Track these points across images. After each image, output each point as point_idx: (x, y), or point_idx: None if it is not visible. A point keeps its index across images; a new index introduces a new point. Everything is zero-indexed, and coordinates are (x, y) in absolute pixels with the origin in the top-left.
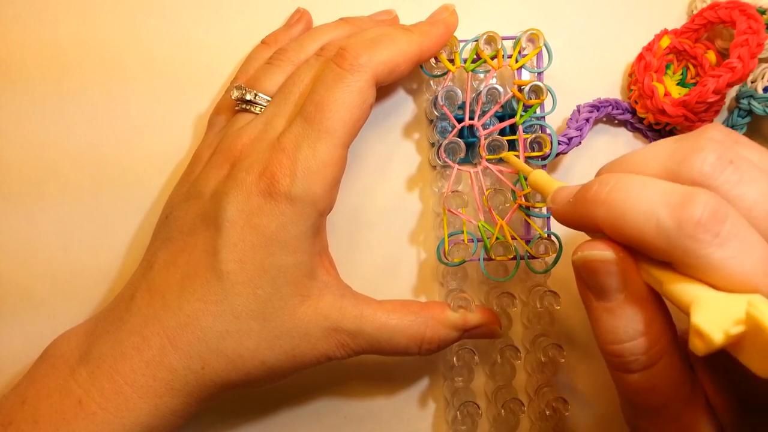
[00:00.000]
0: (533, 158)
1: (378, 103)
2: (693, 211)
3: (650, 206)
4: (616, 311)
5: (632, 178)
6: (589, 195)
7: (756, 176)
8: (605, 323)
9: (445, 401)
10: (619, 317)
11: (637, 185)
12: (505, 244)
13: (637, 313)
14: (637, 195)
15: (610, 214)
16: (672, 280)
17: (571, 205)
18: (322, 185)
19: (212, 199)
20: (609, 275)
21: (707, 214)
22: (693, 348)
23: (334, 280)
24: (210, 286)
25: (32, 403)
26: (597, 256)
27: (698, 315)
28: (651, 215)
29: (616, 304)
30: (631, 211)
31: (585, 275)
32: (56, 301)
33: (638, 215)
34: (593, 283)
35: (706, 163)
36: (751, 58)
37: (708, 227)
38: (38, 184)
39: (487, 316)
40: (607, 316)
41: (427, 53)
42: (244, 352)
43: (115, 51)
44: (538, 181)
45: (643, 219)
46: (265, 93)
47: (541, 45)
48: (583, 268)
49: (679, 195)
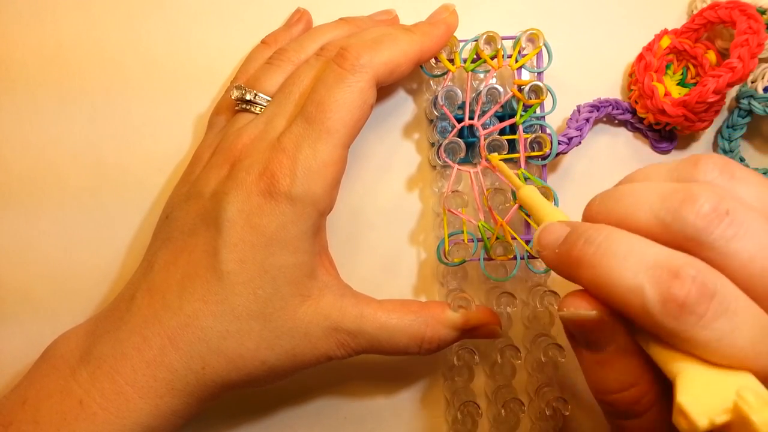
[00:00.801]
0: (533, 158)
1: (378, 103)
2: (679, 290)
3: (636, 280)
4: (606, 363)
5: (620, 240)
6: (574, 253)
7: (754, 227)
8: (596, 374)
9: (445, 401)
10: (610, 369)
11: (624, 250)
12: (505, 244)
13: (626, 366)
14: (624, 263)
15: (594, 281)
16: (659, 350)
17: (557, 257)
18: (323, 185)
19: (212, 199)
20: (596, 332)
21: (694, 292)
22: (677, 424)
23: (334, 279)
24: (210, 286)
25: (33, 403)
26: (583, 316)
27: (684, 394)
28: (637, 291)
29: (606, 357)
30: (617, 283)
31: (572, 330)
32: (56, 301)
33: (623, 288)
34: (581, 338)
35: (700, 216)
36: (751, 58)
37: (693, 308)
38: (38, 184)
39: (488, 316)
40: (598, 368)
41: (428, 53)
42: (244, 352)
43: (115, 51)
44: (527, 200)
45: (628, 293)
46: (265, 93)
47: (541, 45)
48: (569, 323)
49: (666, 270)
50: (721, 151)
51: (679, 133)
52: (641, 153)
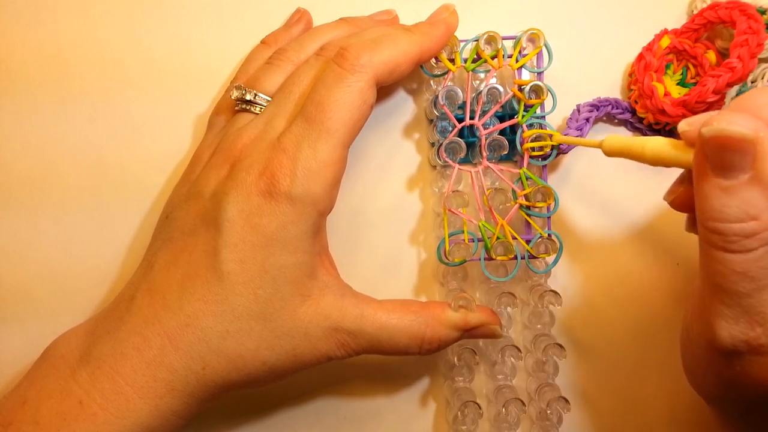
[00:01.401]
0: (534, 158)
1: (378, 103)
2: None
3: None
4: (734, 190)
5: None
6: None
7: None
8: (716, 200)
9: (445, 401)
10: (735, 197)
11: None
12: (506, 243)
13: (756, 197)
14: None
15: None
16: None
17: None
18: (323, 185)
19: (212, 199)
20: (742, 154)
21: None
22: None
23: (334, 279)
24: (210, 287)
25: (33, 403)
26: (736, 133)
27: None
28: None
29: (737, 183)
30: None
31: (711, 149)
32: (56, 301)
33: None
34: (718, 159)
35: None
36: (751, 58)
37: None
38: (38, 184)
39: (488, 316)
40: (720, 194)
41: (428, 53)
42: (244, 353)
43: (114, 51)
44: (617, 144)
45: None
46: (265, 93)
47: (542, 45)
48: (712, 141)
49: None
50: None
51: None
52: None
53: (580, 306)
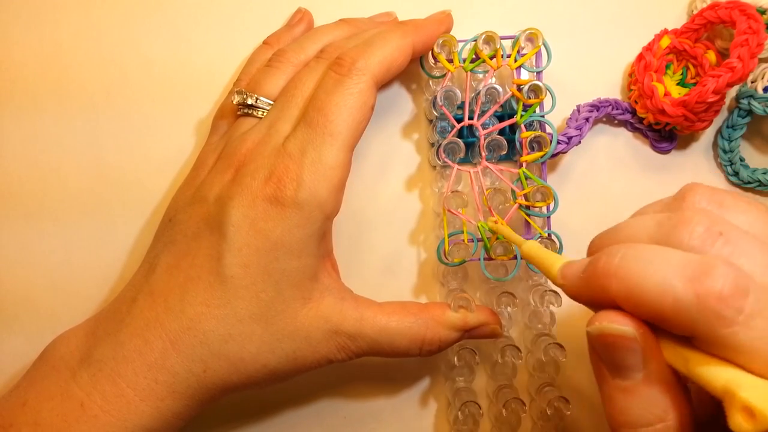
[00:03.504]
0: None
1: (378, 103)
2: (713, 284)
3: (665, 278)
4: (634, 392)
5: (641, 248)
6: (599, 268)
7: (749, 246)
8: (620, 403)
9: (446, 401)
10: (637, 399)
11: (648, 255)
12: (505, 243)
13: (656, 396)
14: (650, 267)
15: (623, 286)
16: (699, 360)
17: (583, 281)
18: (329, 189)
19: (216, 203)
20: (628, 352)
21: (728, 287)
22: (736, 428)
23: (335, 282)
24: (213, 290)
25: (33, 405)
26: (616, 330)
27: (746, 391)
28: (667, 288)
29: (634, 384)
30: (645, 284)
31: (600, 349)
32: (57, 302)
33: (653, 288)
34: (609, 359)
35: (694, 237)
36: (751, 58)
37: (730, 302)
38: (39, 186)
39: (488, 316)
40: (622, 396)
41: (421, 45)
42: (245, 356)
43: (115, 53)
44: (533, 253)
45: (658, 292)
46: (267, 96)
47: (540, 44)
48: (598, 341)
49: (694, 266)
50: (721, 150)
51: (678, 133)
52: (641, 153)
53: (580, 306)
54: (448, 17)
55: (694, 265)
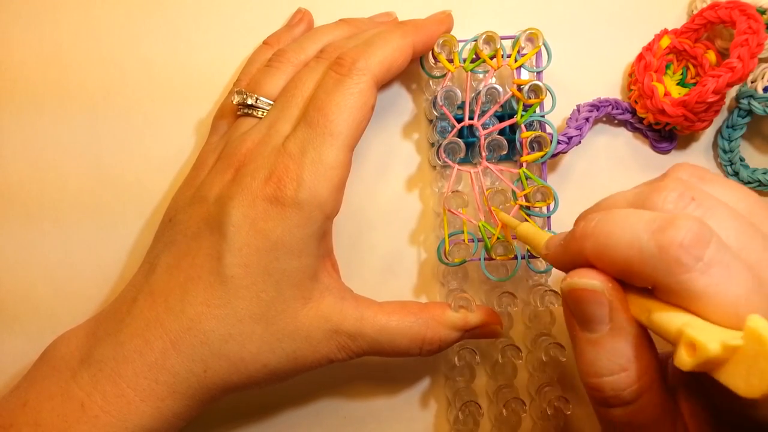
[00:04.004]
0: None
1: (378, 103)
2: (675, 234)
3: (633, 233)
4: (600, 343)
5: (616, 211)
6: (577, 232)
7: (721, 212)
8: (587, 355)
9: (446, 401)
10: (602, 350)
11: (621, 216)
12: (506, 243)
13: (620, 347)
14: (622, 225)
15: (596, 245)
16: (659, 308)
17: (562, 247)
18: (329, 188)
19: (217, 203)
20: (596, 305)
21: (689, 236)
22: (679, 362)
23: (335, 282)
24: (213, 290)
25: (34, 405)
26: (585, 285)
27: (692, 329)
28: (634, 242)
29: (601, 336)
30: (616, 240)
31: (571, 303)
32: (57, 302)
33: (622, 243)
34: (579, 313)
35: (668, 201)
36: (751, 58)
37: (690, 250)
38: (39, 186)
39: (488, 316)
40: (590, 348)
41: (422, 45)
42: (246, 356)
43: (115, 54)
44: (526, 232)
45: (626, 246)
46: (267, 96)
47: (540, 44)
48: (570, 296)
49: (660, 220)
50: (721, 150)
51: (678, 133)
52: (641, 153)
53: None
54: (448, 17)
55: (661, 219)
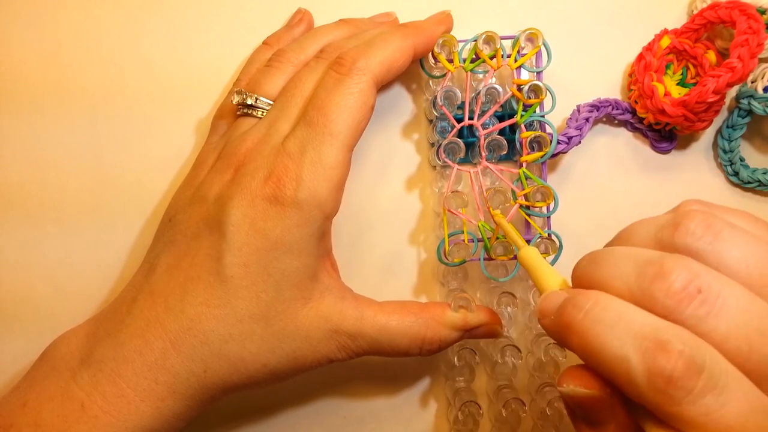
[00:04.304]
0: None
1: (378, 103)
2: (665, 363)
3: (622, 349)
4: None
5: (607, 307)
6: (563, 319)
7: (729, 304)
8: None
9: (446, 401)
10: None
11: (612, 316)
12: (506, 243)
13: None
14: (610, 331)
15: (583, 348)
16: (654, 426)
17: (552, 324)
18: (328, 188)
19: (216, 203)
20: (597, 410)
21: (681, 366)
22: None
23: (335, 282)
24: (213, 290)
25: (34, 406)
26: (580, 393)
27: None
28: (622, 360)
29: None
30: (603, 351)
31: (572, 406)
32: (57, 302)
33: (610, 357)
34: (581, 414)
35: (670, 294)
36: (751, 58)
37: (680, 383)
38: (39, 186)
39: (488, 316)
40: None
41: (422, 47)
42: (246, 356)
43: (115, 53)
44: (529, 261)
45: (614, 362)
46: (266, 96)
47: (540, 44)
48: (569, 400)
49: (653, 342)
50: (721, 150)
51: (678, 133)
52: (641, 153)
53: None
54: (448, 17)
55: (652, 339)
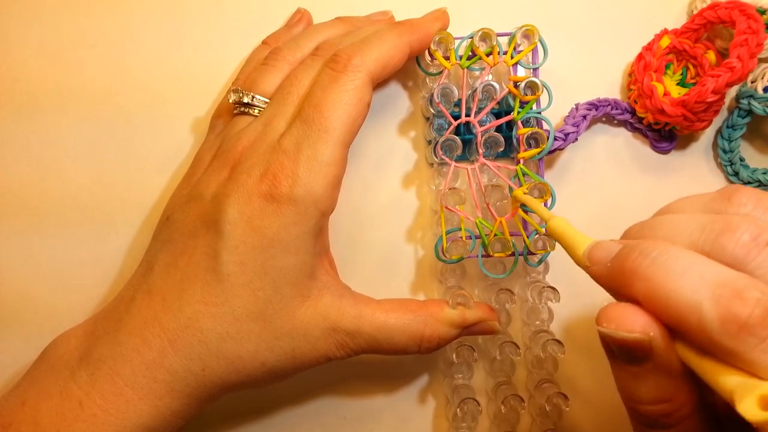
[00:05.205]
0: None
1: (374, 101)
2: (741, 309)
3: (695, 295)
4: (642, 376)
5: (677, 255)
6: (627, 264)
7: None
8: (628, 383)
9: (445, 398)
10: (644, 383)
11: (682, 264)
12: (503, 240)
13: (663, 382)
14: (681, 278)
15: (649, 294)
16: (713, 366)
17: (608, 270)
18: (324, 185)
19: (213, 201)
20: (639, 350)
21: (757, 313)
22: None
23: (333, 280)
24: (210, 288)
25: (32, 404)
26: (626, 338)
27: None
28: (695, 306)
29: (642, 371)
30: (674, 297)
31: (611, 345)
32: (57, 301)
33: (681, 303)
34: (620, 353)
35: (740, 245)
36: (751, 58)
37: (755, 330)
38: (39, 185)
39: (486, 313)
40: (629, 378)
41: (418, 44)
42: (244, 354)
43: (115, 52)
44: (562, 231)
45: (685, 308)
46: (263, 94)
47: (536, 41)
48: (609, 339)
49: (729, 289)
50: (721, 150)
51: (678, 133)
52: (640, 152)
53: (579, 302)
54: (444, 15)
55: (727, 286)
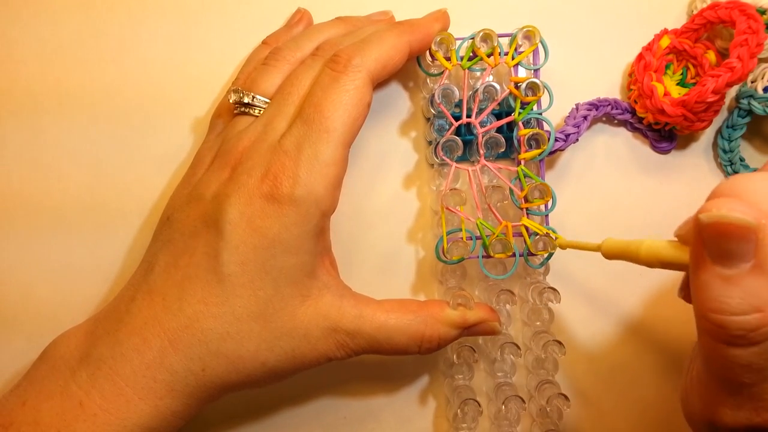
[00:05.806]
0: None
1: (375, 101)
2: None
3: None
4: (735, 281)
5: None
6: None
7: None
8: (715, 290)
9: (445, 399)
10: (737, 288)
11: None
12: (504, 241)
13: (759, 287)
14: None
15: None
16: None
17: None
18: (325, 185)
19: (213, 201)
20: (743, 242)
21: None
22: None
23: (333, 280)
24: (211, 288)
25: (33, 404)
26: (734, 219)
27: None
28: None
29: (738, 273)
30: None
31: (710, 237)
32: (56, 301)
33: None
34: (717, 247)
35: None
36: (751, 58)
37: None
38: (38, 185)
39: (487, 313)
40: (721, 283)
41: (418, 44)
42: (244, 354)
43: (114, 52)
44: (614, 248)
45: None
46: (263, 95)
47: (537, 42)
48: (711, 228)
49: None
50: (721, 150)
51: (678, 133)
52: (640, 152)
53: (580, 302)
54: (444, 15)
55: None
